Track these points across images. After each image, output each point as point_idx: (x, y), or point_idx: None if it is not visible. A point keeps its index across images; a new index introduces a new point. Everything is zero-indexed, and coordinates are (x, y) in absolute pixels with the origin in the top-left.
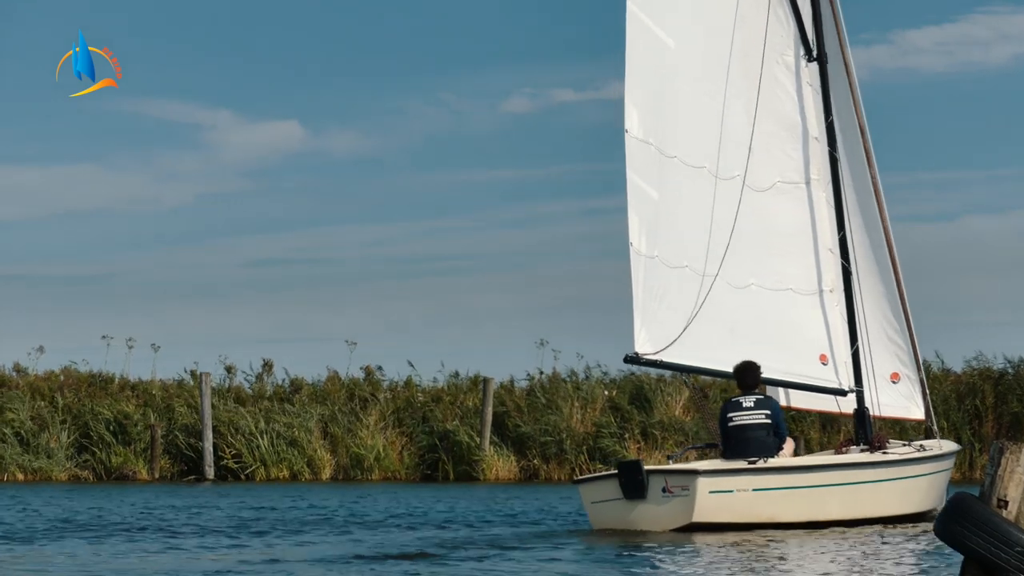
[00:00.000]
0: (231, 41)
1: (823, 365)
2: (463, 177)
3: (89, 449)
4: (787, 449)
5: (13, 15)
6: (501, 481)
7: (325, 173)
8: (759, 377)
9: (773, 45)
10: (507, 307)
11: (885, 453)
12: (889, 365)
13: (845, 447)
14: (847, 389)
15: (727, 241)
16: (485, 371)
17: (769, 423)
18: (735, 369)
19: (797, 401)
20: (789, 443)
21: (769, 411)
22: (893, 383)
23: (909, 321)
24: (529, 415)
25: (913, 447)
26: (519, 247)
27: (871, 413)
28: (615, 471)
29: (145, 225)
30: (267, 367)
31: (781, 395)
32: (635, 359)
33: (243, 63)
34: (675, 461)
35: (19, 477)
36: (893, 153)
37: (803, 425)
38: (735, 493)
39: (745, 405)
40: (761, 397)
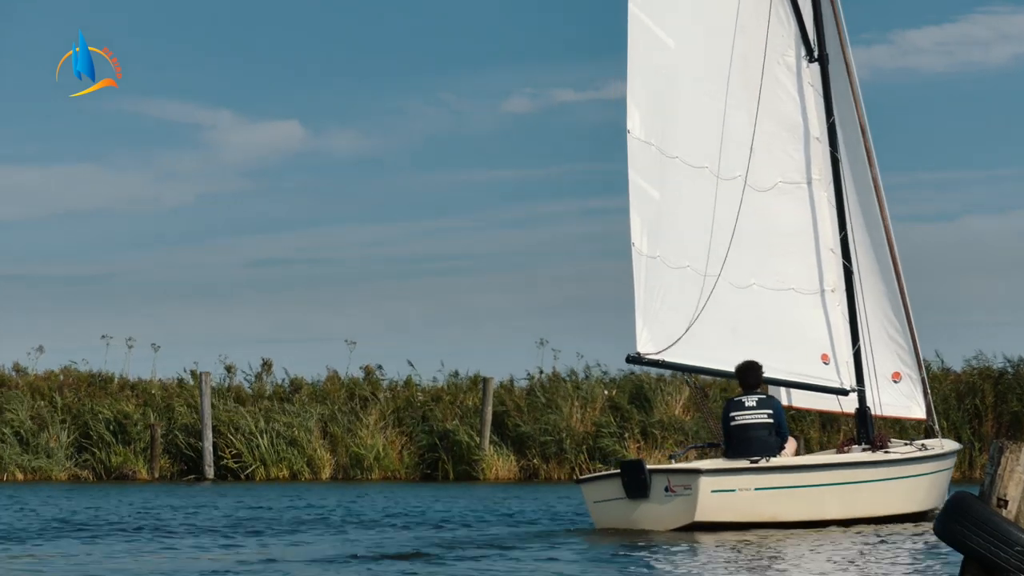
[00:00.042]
0: (231, 41)
1: (825, 365)
2: (463, 177)
3: (89, 449)
4: (789, 449)
5: (13, 15)
6: (501, 481)
7: (325, 173)
8: (761, 377)
9: (774, 45)
10: (507, 307)
11: (887, 452)
12: (890, 364)
13: (847, 446)
14: (849, 388)
15: (728, 241)
16: (485, 371)
17: (771, 423)
18: (737, 369)
19: (799, 401)
20: (791, 443)
21: (771, 411)
22: (894, 382)
23: (910, 320)
24: (529, 415)
25: (915, 446)
26: (519, 247)
27: (872, 412)
28: (618, 470)
29: (145, 225)
30: (267, 367)
31: (783, 395)
32: (637, 359)
33: (243, 63)
34: (677, 460)
35: (19, 477)
36: (893, 153)
37: (802, 424)
38: (737, 492)
39: (747, 404)
40: (763, 397)
